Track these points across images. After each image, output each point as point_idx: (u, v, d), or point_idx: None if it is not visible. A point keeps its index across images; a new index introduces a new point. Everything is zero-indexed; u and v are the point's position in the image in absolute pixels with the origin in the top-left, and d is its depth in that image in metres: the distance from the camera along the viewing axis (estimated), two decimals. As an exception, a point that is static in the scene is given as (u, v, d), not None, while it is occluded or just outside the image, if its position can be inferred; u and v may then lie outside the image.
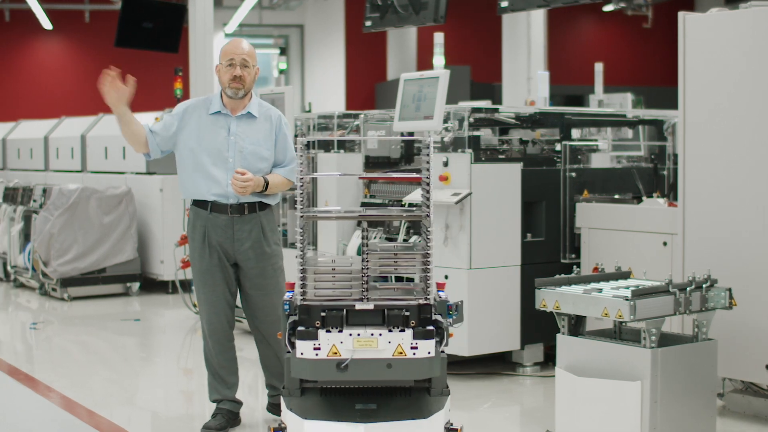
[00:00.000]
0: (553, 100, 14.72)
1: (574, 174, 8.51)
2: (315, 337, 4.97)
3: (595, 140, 9.79)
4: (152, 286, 13.00)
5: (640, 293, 5.75)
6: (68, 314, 11.66)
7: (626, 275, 6.49)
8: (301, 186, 5.20)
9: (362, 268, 5.10)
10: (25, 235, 13.13)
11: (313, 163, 9.23)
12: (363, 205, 9.03)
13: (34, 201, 13.10)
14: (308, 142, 9.44)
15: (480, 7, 22.25)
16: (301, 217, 5.19)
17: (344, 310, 5.02)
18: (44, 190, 12.94)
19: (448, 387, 5.22)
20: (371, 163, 9.29)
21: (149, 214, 12.88)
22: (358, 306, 5.03)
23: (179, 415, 7.51)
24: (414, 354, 4.94)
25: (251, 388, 7.48)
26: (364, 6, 10.00)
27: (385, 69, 24.72)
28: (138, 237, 12.75)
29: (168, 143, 6.57)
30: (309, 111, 13.63)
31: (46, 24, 24.22)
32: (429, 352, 4.95)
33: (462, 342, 7.93)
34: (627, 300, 5.64)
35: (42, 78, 25.51)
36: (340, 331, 4.97)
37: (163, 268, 12.63)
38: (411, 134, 8.87)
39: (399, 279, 5.77)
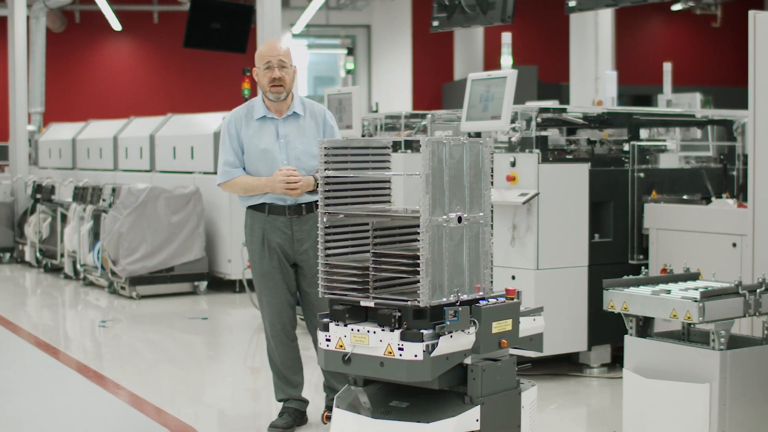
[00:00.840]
0: (620, 100, 14.65)
1: (642, 174, 8.44)
2: (326, 329, 5.18)
3: (664, 140, 9.70)
4: (219, 285, 13.09)
5: (709, 295, 5.69)
6: (136, 312, 11.76)
7: (695, 277, 6.43)
8: (325, 185, 5.37)
9: (370, 267, 5.19)
10: (95, 234, 13.26)
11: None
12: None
13: (104, 200, 13.23)
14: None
15: (547, 6, 22.16)
16: (324, 213, 5.38)
17: (350, 305, 5.20)
18: (113, 190, 13.06)
19: (483, 396, 5.23)
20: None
21: (217, 214, 12.96)
22: (363, 303, 5.16)
23: (246, 413, 7.55)
24: (400, 355, 4.99)
25: (317, 387, 7.49)
26: (431, 6, 9.99)
27: (451, 69, 24.68)
28: (206, 236, 12.83)
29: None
30: (376, 111, 13.65)
31: (116, 25, 24.45)
32: (416, 355, 4.98)
33: (528, 343, 7.91)
34: (696, 301, 5.59)
35: (111, 78, 25.75)
36: (345, 325, 5.11)
37: (231, 267, 12.70)
38: (478, 134, 8.86)
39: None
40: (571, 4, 9.02)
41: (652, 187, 8.52)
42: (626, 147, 8.52)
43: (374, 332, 5.06)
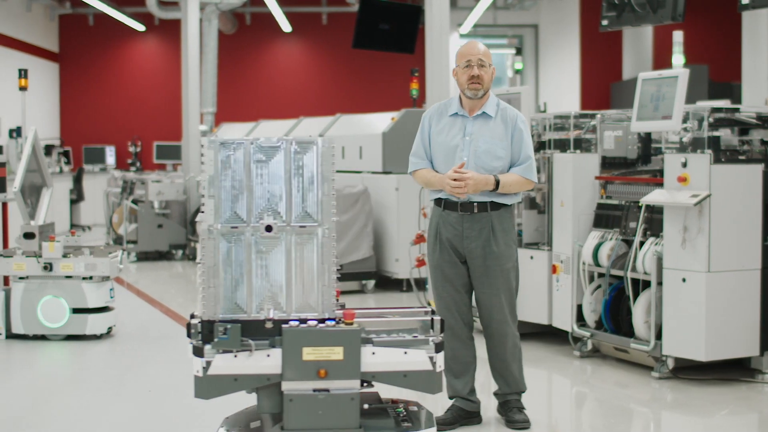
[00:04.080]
0: (795, 100, 14.26)
1: (818, 176, 8.23)
2: None
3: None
4: (387, 283, 13.17)
5: None
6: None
7: None
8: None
9: None
10: (266, 232, 13.46)
11: (549, 163, 9.20)
12: (599, 206, 8.96)
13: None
14: (541, 141, 9.43)
15: (719, 4, 21.74)
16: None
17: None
18: (284, 189, 13.23)
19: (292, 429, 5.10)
20: (607, 163, 9.20)
21: (385, 213, 13.04)
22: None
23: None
24: (196, 371, 5.22)
25: (483, 387, 7.49)
26: (600, 5, 9.90)
27: (620, 68, 24.37)
28: (373, 235, 12.93)
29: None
30: (544, 111, 13.57)
31: (285, 26, 24.80)
32: (197, 371, 5.15)
33: (699, 346, 7.79)
34: None
35: (281, 79, 26.13)
36: None
37: (398, 266, 12.77)
38: (649, 135, 8.77)
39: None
40: (744, 1, 8.83)
41: (828, 189, 8.29)
42: (802, 148, 8.32)
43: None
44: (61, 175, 21.72)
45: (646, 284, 8.30)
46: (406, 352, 5.13)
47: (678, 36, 9.04)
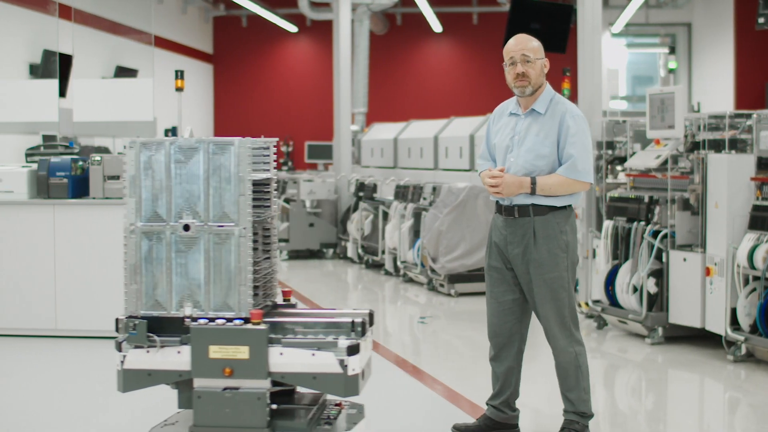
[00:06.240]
0: None
1: None
2: None
3: None
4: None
5: None
6: (454, 310, 11.93)
7: None
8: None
9: None
10: (415, 232, 13.55)
11: (703, 164, 9.07)
12: (755, 208, 8.80)
13: (424, 199, 13.49)
14: (695, 142, 9.29)
15: None
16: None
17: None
18: (434, 189, 13.30)
19: (200, 426, 5.22)
20: (764, 164, 9.02)
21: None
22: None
23: (560, 413, 7.54)
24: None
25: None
26: (756, 2, 9.71)
27: (776, 67, 23.91)
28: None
29: None
30: (697, 111, 13.37)
31: (436, 26, 24.87)
32: (117, 366, 5.31)
33: None
34: None
35: (431, 79, 26.21)
36: None
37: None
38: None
39: None
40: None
41: None
42: None
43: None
44: (215, 174, 22.07)
45: (804, 288, 8.14)
46: (314, 354, 5.11)
47: (838, 34, 8.81)
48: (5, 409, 7.20)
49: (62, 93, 13.07)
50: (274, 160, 5.70)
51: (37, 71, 15.50)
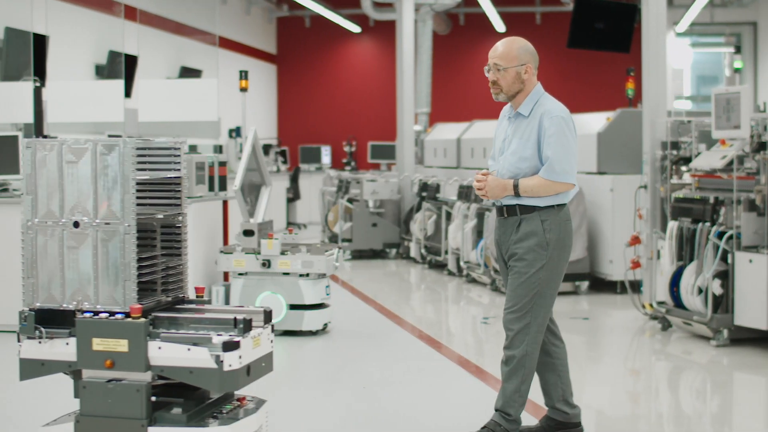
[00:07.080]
0: None
1: None
2: None
3: None
4: (600, 285, 13.04)
5: None
6: (517, 310, 11.88)
7: None
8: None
9: None
10: (478, 232, 13.53)
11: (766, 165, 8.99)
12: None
13: (487, 199, 13.46)
14: (761, 142, 9.20)
15: None
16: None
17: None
18: (496, 189, 13.25)
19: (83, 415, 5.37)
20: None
21: (599, 214, 12.93)
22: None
23: (624, 415, 7.52)
24: None
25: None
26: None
27: None
28: (588, 236, 12.83)
29: None
30: (763, 111, 13.24)
31: (499, 26, 24.82)
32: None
33: None
34: None
35: (494, 79, 26.14)
36: None
37: (612, 267, 12.64)
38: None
39: None
40: None
41: None
42: None
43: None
44: (279, 174, 22.24)
45: None
46: (189, 349, 5.20)
47: None
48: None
49: (128, 93, 13.22)
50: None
51: (102, 72, 15.66)
